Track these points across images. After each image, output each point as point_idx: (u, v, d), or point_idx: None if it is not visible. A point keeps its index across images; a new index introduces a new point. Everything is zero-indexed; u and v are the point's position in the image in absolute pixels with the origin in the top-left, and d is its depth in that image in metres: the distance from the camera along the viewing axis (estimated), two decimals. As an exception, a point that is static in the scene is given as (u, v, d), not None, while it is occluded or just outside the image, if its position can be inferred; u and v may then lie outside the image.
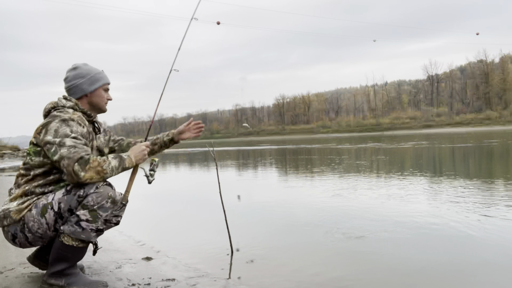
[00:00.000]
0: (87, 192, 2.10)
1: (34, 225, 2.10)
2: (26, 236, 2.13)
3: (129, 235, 3.81)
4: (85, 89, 2.33)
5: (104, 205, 2.11)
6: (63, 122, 2.15)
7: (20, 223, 2.11)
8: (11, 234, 2.15)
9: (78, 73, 2.34)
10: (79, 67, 2.37)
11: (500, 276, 2.54)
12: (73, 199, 2.10)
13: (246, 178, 9.50)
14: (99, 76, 2.38)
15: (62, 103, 2.29)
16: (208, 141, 45.86)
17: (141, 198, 6.61)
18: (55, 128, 2.12)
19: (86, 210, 2.09)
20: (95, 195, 2.10)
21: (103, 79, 2.39)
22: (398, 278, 2.58)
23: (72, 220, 2.09)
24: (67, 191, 2.13)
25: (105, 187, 2.14)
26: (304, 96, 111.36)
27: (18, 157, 22.39)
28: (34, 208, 2.11)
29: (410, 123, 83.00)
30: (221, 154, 22.04)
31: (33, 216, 2.10)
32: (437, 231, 3.65)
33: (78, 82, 2.33)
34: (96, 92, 2.37)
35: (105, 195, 2.11)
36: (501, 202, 4.84)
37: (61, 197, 2.11)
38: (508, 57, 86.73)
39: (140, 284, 2.35)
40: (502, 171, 8.62)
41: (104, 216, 2.12)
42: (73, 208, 2.11)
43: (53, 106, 2.29)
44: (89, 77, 2.34)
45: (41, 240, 2.16)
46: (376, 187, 6.69)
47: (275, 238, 3.70)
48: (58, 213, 2.11)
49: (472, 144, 19.86)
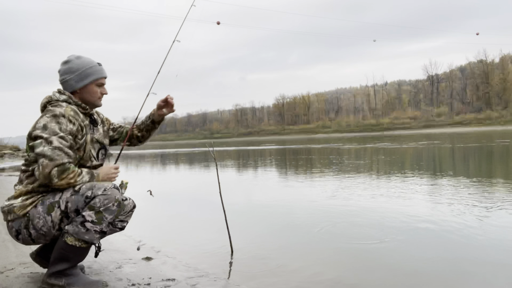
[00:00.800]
0: (95, 193, 2.11)
1: (39, 222, 2.10)
2: (30, 233, 2.12)
3: (129, 235, 3.81)
4: (73, 85, 2.29)
5: (110, 208, 2.11)
6: (53, 117, 2.13)
7: (24, 219, 2.11)
8: (15, 230, 2.14)
9: (69, 67, 2.29)
10: (71, 61, 2.30)
11: (500, 276, 2.54)
12: (80, 200, 2.10)
13: (246, 178, 9.50)
14: (89, 71, 2.30)
15: (56, 97, 2.27)
16: (208, 141, 45.78)
17: (141, 198, 6.61)
18: (44, 122, 2.12)
19: (92, 211, 2.09)
20: (102, 197, 2.10)
21: (94, 74, 2.31)
22: (398, 278, 2.57)
23: (77, 220, 2.09)
24: (75, 191, 2.12)
25: (113, 190, 2.15)
26: (304, 96, 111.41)
27: (18, 157, 22.37)
28: (40, 205, 2.11)
29: (410, 123, 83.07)
30: (221, 154, 22.04)
31: (38, 213, 2.10)
32: (437, 231, 3.64)
33: (67, 77, 2.29)
34: (86, 88, 2.31)
35: (112, 198, 2.12)
36: (502, 201, 4.84)
37: (68, 196, 2.11)
38: (508, 57, 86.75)
39: (140, 284, 2.35)
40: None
41: (109, 219, 2.12)
42: (80, 208, 2.11)
43: (48, 100, 2.28)
44: (78, 73, 2.28)
45: (44, 238, 2.16)
46: (377, 187, 6.68)
47: (275, 238, 3.70)
48: (64, 212, 2.11)
49: (486, 143, 19.85)
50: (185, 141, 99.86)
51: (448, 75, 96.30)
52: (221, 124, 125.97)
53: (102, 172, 2.29)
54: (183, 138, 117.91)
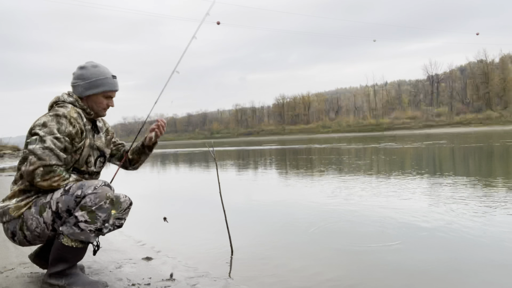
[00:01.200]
0: (85, 192, 2.09)
1: (32, 224, 2.10)
2: (25, 234, 2.13)
3: (129, 235, 3.81)
4: (81, 92, 2.33)
5: (102, 206, 2.10)
6: (55, 117, 2.15)
7: (19, 220, 2.12)
8: (11, 232, 2.15)
9: (82, 73, 2.34)
10: (86, 68, 2.35)
11: (500, 276, 2.54)
12: (71, 199, 2.09)
13: (246, 178, 9.50)
14: (100, 82, 2.33)
15: (63, 98, 2.31)
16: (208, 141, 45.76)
17: (141, 198, 6.61)
18: (45, 120, 2.14)
19: (84, 212, 2.07)
20: (93, 196, 2.09)
21: (104, 86, 2.34)
22: (398, 278, 2.58)
23: (71, 221, 2.08)
24: (65, 190, 2.12)
25: (103, 187, 2.13)
26: (304, 96, 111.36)
27: (18, 157, 22.37)
28: (33, 206, 2.12)
29: (410, 123, 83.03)
30: (221, 154, 22.03)
31: (32, 214, 2.10)
32: (437, 231, 3.64)
33: (77, 83, 2.34)
34: (92, 97, 2.34)
35: (103, 196, 2.11)
36: (503, 201, 4.84)
37: (59, 196, 2.10)
38: (508, 57, 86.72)
39: (140, 284, 2.35)
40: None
41: (103, 217, 2.11)
42: (71, 208, 2.10)
43: (55, 100, 2.32)
44: (88, 81, 2.32)
45: (39, 239, 2.16)
46: (377, 187, 6.68)
47: (275, 238, 3.70)
48: (56, 213, 2.10)
49: (492, 143, 19.85)
50: (184, 141, 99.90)
51: (448, 75, 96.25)
52: (221, 124, 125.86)
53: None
54: (183, 138, 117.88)
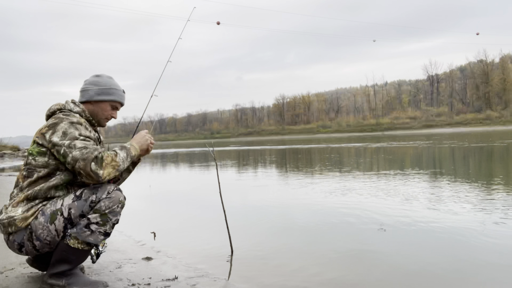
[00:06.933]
0: (99, 197, 2.11)
1: (42, 233, 2.08)
2: (34, 245, 2.10)
3: (129, 235, 3.81)
4: (91, 96, 2.35)
5: (115, 210, 2.14)
6: (71, 124, 2.15)
7: (26, 231, 2.09)
8: (17, 244, 2.11)
9: (96, 80, 2.38)
10: (101, 76, 2.40)
11: (500, 276, 2.54)
12: (85, 205, 2.10)
13: (246, 178, 9.50)
14: (112, 91, 2.38)
15: (69, 106, 2.30)
16: (208, 141, 45.68)
17: (141, 198, 6.61)
18: (63, 130, 2.12)
19: (97, 214, 2.10)
20: (107, 201, 2.12)
21: (114, 95, 2.38)
22: (398, 278, 2.58)
23: (82, 223, 2.09)
24: (77, 196, 2.12)
25: (116, 192, 2.16)
26: (304, 96, 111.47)
27: (18, 157, 22.36)
28: (41, 215, 2.08)
29: (410, 123, 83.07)
30: (221, 154, 22.03)
31: (41, 224, 2.07)
32: (437, 231, 3.64)
33: (90, 87, 2.36)
34: (100, 104, 2.36)
35: (116, 200, 2.14)
36: (504, 201, 4.84)
37: (71, 203, 2.10)
38: (508, 57, 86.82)
39: (140, 284, 2.35)
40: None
41: (113, 220, 2.15)
42: (85, 213, 2.11)
43: (59, 108, 2.29)
44: (102, 88, 2.35)
45: (48, 246, 2.14)
46: (377, 187, 6.68)
47: (275, 238, 3.70)
48: (68, 219, 2.09)
49: (498, 143, 19.85)
50: (184, 141, 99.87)
51: (448, 75, 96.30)
52: (221, 124, 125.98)
53: (135, 140, 2.31)
54: (183, 138, 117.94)
